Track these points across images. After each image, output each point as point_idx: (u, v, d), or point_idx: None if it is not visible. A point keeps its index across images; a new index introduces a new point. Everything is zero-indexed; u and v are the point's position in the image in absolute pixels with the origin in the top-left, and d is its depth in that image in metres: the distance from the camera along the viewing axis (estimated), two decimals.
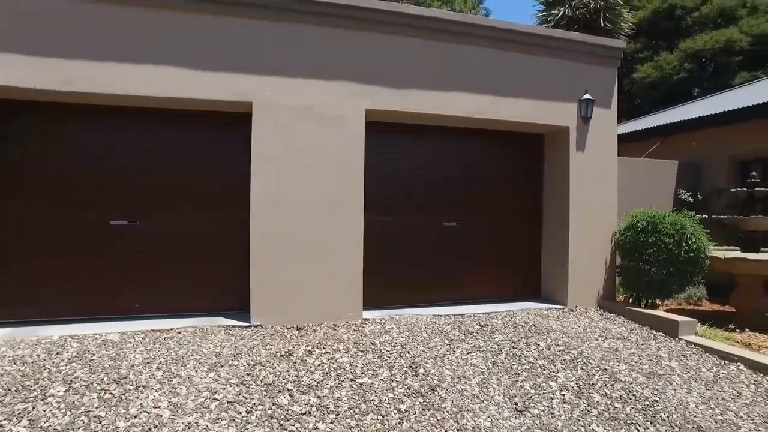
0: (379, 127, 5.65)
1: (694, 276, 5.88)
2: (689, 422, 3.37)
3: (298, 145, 5.07)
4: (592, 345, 4.71)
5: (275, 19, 5.01)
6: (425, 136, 6.02)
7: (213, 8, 4.81)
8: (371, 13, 5.27)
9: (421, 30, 5.51)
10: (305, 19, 5.09)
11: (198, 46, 4.80)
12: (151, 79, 4.66)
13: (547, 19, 10.21)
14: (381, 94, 5.36)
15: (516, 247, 6.46)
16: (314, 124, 5.12)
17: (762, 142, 8.47)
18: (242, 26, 4.92)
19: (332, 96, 5.18)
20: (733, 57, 18.30)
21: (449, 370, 3.92)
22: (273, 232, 4.98)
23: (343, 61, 5.23)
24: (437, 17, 5.58)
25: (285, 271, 5.01)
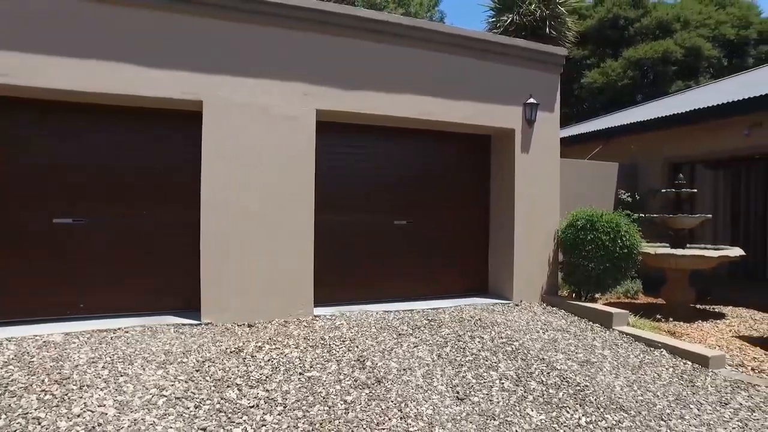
0: (331, 127, 5.74)
1: (627, 271, 6.28)
2: (614, 403, 3.64)
3: (250, 144, 5.10)
4: (533, 337, 4.97)
5: (228, 19, 5.02)
6: (377, 136, 6.16)
7: (164, 5, 4.78)
8: (323, 15, 5.36)
9: (373, 33, 5.64)
10: (257, 19, 5.13)
11: (148, 42, 4.75)
12: (97, 75, 4.57)
13: (497, 24, 10.57)
14: (333, 95, 5.46)
15: (464, 244, 6.69)
16: (266, 123, 5.16)
17: (690, 146, 9.11)
18: (194, 25, 4.91)
19: (284, 96, 5.24)
20: (669, 66, 19.41)
21: (396, 363, 4.07)
22: (224, 230, 4.99)
23: (296, 62, 5.30)
24: (389, 21, 5.73)
25: (236, 270, 5.03)
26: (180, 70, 4.85)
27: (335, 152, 5.91)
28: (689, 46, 19.46)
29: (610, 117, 14.19)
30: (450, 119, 6.06)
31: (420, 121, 6.00)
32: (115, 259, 5.04)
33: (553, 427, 3.28)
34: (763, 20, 21.23)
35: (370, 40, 5.63)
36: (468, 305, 6.00)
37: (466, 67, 6.14)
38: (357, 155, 6.10)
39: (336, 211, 5.89)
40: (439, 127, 6.26)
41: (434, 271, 6.47)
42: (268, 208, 5.15)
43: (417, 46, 5.87)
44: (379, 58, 5.69)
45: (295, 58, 5.30)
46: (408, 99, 5.81)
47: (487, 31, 10.76)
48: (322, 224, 5.62)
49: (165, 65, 4.80)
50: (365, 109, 5.63)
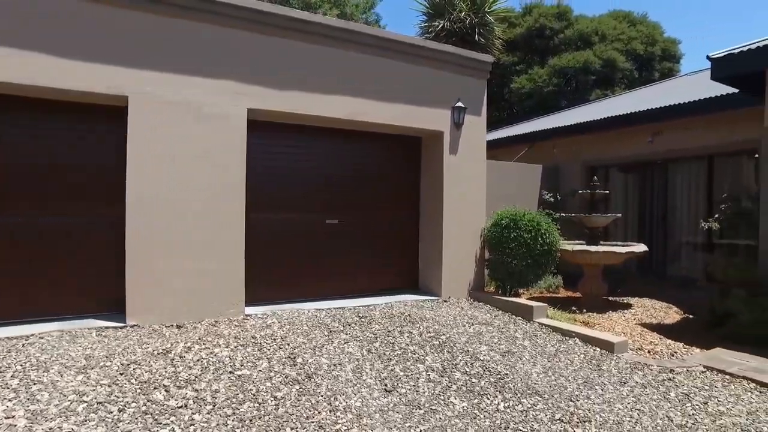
0: (264, 126, 5.74)
1: (547, 267, 6.72)
2: (530, 388, 3.93)
3: (178, 142, 5.00)
4: (459, 331, 5.22)
5: (156, 13, 4.88)
6: (310, 136, 6.21)
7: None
8: (255, 14, 5.34)
9: (306, 34, 5.68)
10: (187, 15, 5.03)
11: (72, 33, 4.53)
12: (10, 66, 4.32)
13: (429, 29, 10.89)
14: (265, 95, 5.45)
15: (396, 242, 6.89)
16: (195, 121, 5.08)
17: (605, 150, 9.86)
18: (119, 17, 4.74)
19: (215, 94, 5.18)
20: (589, 76, 20.76)
21: (326, 359, 4.16)
22: (151, 229, 4.86)
23: (227, 60, 5.25)
24: (321, 23, 5.79)
25: (164, 270, 4.91)
26: (104, 63, 4.67)
27: (268, 151, 5.91)
28: (606, 58, 20.91)
29: (536, 121, 15.01)
30: (381, 121, 6.22)
31: (352, 122, 6.12)
32: (30, 261, 4.76)
33: (474, 413, 3.50)
34: (666, 39, 23.22)
35: (303, 40, 5.67)
36: (398, 302, 6.19)
37: (397, 70, 6.33)
38: (290, 155, 6.12)
39: (268, 210, 5.89)
40: (372, 128, 6.41)
41: (366, 270, 6.61)
42: (197, 206, 5.07)
43: (350, 49, 5.98)
44: (312, 58, 5.74)
45: (227, 57, 5.25)
46: (340, 100, 5.91)
47: (420, 36, 11.07)
48: (255, 223, 5.61)
49: (89, 58, 4.60)
50: (298, 110, 5.66)
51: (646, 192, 9.62)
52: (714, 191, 8.33)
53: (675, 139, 8.58)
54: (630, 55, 21.79)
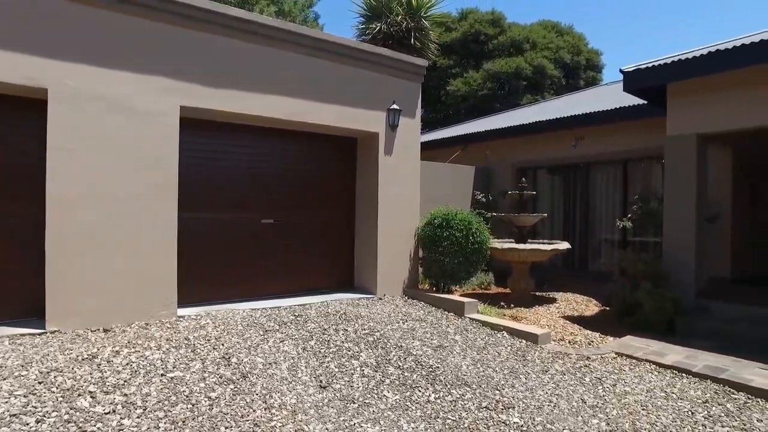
0: (197, 124, 5.63)
1: (478, 264, 7.03)
2: (459, 380, 4.14)
3: (104, 138, 4.80)
4: (393, 327, 5.38)
5: (82, 3, 4.67)
6: (246, 135, 6.15)
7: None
8: (188, 10, 5.23)
9: (241, 32, 5.63)
10: (116, 7, 4.84)
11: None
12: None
13: (366, 32, 11.02)
14: (199, 92, 5.35)
15: (332, 241, 6.96)
16: (123, 117, 4.90)
17: (533, 153, 10.39)
18: (42, 5, 4.49)
19: (145, 90, 5.02)
20: (521, 81, 21.74)
21: (261, 358, 4.17)
22: (74, 230, 4.65)
23: (159, 56, 5.10)
24: (257, 21, 5.75)
25: (88, 272, 4.71)
26: (21, 52, 4.41)
27: (203, 150, 5.81)
28: (536, 65, 21.98)
29: (470, 123, 15.53)
30: (318, 121, 6.27)
31: (289, 122, 6.12)
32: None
33: (406, 404, 3.65)
34: (590, 50, 24.80)
35: (239, 38, 5.61)
36: (334, 300, 6.26)
37: (334, 71, 6.39)
38: (226, 154, 6.03)
39: (203, 210, 5.78)
40: (308, 128, 6.44)
41: (302, 269, 6.63)
42: (126, 205, 4.90)
43: (286, 48, 5.98)
44: (248, 57, 5.69)
45: (158, 52, 5.10)
46: (277, 100, 5.90)
47: (357, 38, 11.20)
48: (188, 223, 5.50)
49: (1, 45, 4.34)
50: (234, 108, 5.60)
51: (570, 193, 10.25)
52: (629, 193, 9.02)
53: (595, 144, 9.21)
54: (558, 63, 23.03)
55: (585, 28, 42.03)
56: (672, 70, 6.34)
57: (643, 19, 49.31)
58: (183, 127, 5.31)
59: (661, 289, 6.09)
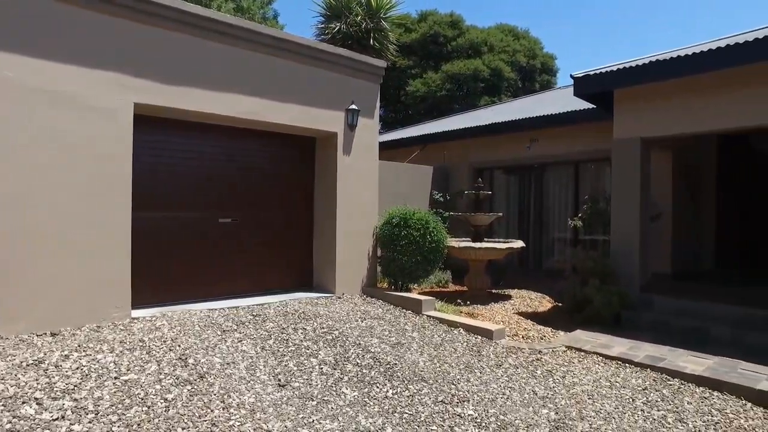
0: (153, 122, 5.51)
1: (436, 263, 7.17)
2: (416, 375, 4.24)
3: (51, 134, 4.61)
4: (352, 325, 5.43)
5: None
6: (203, 134, 6.06)
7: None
8: (142, 4, 5.09)
9: (200, 29, 5.53)
10: None
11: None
12: None
13: (325, 31, 11.01)
14: (154, 89, 5.23)
15: (290, 241, 6.94)
16: (73, 112, 4.73)
17: (490, 154, 10.67)
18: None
19: (97, 85, 4.86)
20: (479, 83, 22.21)
21: (219, 358, 4.14)
22: (17, 228, 4.44)
23: (112, 51, 4.95)
24: (215, 18, 5.67)
25: (33, 272, 4.52)
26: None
27: (158, 148, 5.69)
28: (494, 67, 22.51)
29: (429, 124, 15.76)
30: (277, 121, 6.24)
31: (247, 121, 6.07)
32: None
33: (364, 400, 3.72)
34: (545, 54, 25.61)
35: (196, 35, 5.52)
36: (293, 300, 6.26)
37: (293, 71, 6.38)
38: (183, 152, 5.93)
39: (159, 209, 5.66)
40: (267, 127, 6.40)
41: (260, 269, 6.59)
42: (76, 204, 4.74)
43: (245, 47, 5.92)
44: (205, 55, 5.61)
45: (111, 47, 4.95)
46: (235, 98, 5.84)
47: (316, 37, 11.16)
48: (143, 222, 5.37)
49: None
50: (190, 106, 5.51)
51: (524, 193, 10.59)
52: (580, 193, 9.41)
53: (549, 146, 9.55)
54: (515, 66, 23.65)
55: (540, 33, 43.28)
56: (617, 77, 6.68)
57: (596, 25, 51.23)
58: (138, 124, 5.18)
59: (608, 285, 6.40)
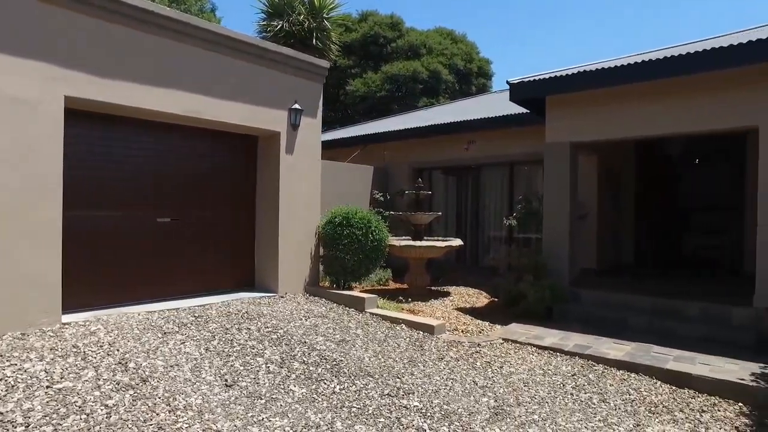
0: (87, 117, 5.26)
1: (377, 261, 7.30)
2: (362, 371, 4.35)
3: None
4: (296, 324, 5.45)
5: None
6: (142, 131, 5.83)
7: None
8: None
9: (138, 22, 5.31)
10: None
11: None
12: None
13: (267, 29, 10.85)
14: (88, 83, 4.97)
15: (232, 240, 6.82)
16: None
17: (429, 155, 10.95)
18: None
19: (21, 77, 4.55)
20: (418, 84, 22.64)
21: (162, 361, 4.04)
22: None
23: (40, 41, 4.66)
24: (153, 11, 5.45)
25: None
26: None
27: (93, 144, 5.42)
28: (432, 69, 23.03)
29: (370, 124, 15.91)
30: (219, 119, 6.12)
31: (188, 118, 5.91)
32: None
33: (312, 397, 3.77)
34: (481, 58, 26.52)
35: (132, 28, 5.30)
36: (236, 300, 6.18)
37: (236, 69, 6.28)
38: (119, 149, 5.67)
39: (93, 208, 5.40)
40: (209, 125, 6.26)
41: (201, 269, 6.44)
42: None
43: (186, 42, 5.76)
44: (144, 49, 5.40)
45: (39, 37, 4.66)
46: (176, 95, 5.66)
47: (258, 34, 10.98)
48: (76, 221, 5.12)
49: None
50: (127, 102, 5.28)
51: (463, 193, 10.97)
52: (514, 193, 9.88)
53: (486, 148, 9.95)
54: (452, 68, 24.31)
55: (477, 38, 44.74)
56: (548, 84, 7.11)
57: (531, 31, 53.55)
58: (70, 119, 4.92)
59: (541, 280, 6.80)
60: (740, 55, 5.62)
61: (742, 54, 5.60)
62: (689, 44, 7.15)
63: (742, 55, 5.60)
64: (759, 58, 5.54)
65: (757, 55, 5.51)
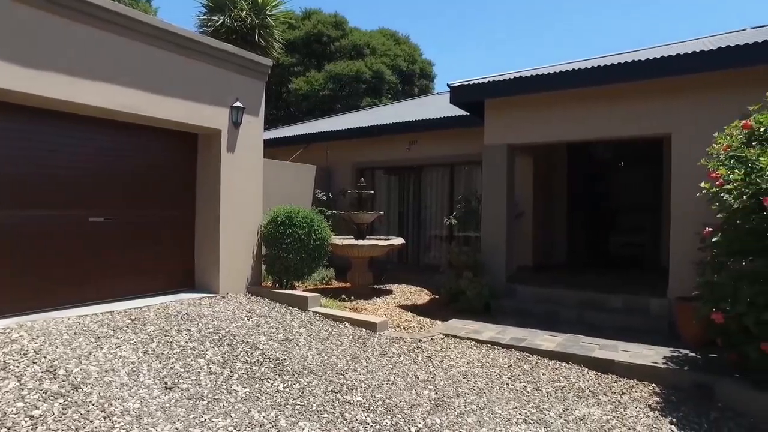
0: (13, 110, 4.94)
1: (320, 260, 7.32)
2: (306, 369, 4.37)
3: None
4: (239, 324, 5.38)
5: None
6: (74, 126, 5.52)
7: None
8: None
9: (70, 10, 5.04)
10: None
11: None
12: None
13: (208, 24, 10.56)
14: (15, 74, 4.64)
15: (171, 240, 6.62)
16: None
17: (372, 154, 11.07)
18: None
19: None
20: (361, 84, 22.74)
21: (95, 367, 3.88)
22: None
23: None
24: (88, 1, 5.20)
25: None
26: None
27: (18, 139, 5.09)
28: (376, 70, 23.20)
29: (312, 123, 15.83)
30: (157, 115, 5.92)
31: (124, 114, 5.67)
32: None
33: (256, 396, 3.75)
34: (423, 60, 27.01)
35: (65, 17, 5.02)
36: (175, 301, 6.00)
37: (176, 64, 6.10)
38: (49, 144, 5.35)
39: (17, 207, 5.07)
40: (146, 122, 6.03)
41: (138, 270, 6.19)
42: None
43: (123, 35, 5.52)
44: (76, 39, 5.12)
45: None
46: (110, 89, 5.42)
47: (198, 29, 10.66)
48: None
49: None
50: (54, 94, 4.99)
51: (404, 192, 11.16)
52: (455, 193, 10.17)
53: (427, 148, 10.18)
54: (395, 69, 24.59)
55: (420, 40, 45.40)
56: (487, 88, 7.40)
57: (473, 36, 55.00)
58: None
59: (479, 277, 7.07)
60: (652, 70, 6.14)
61: (654, 68, 6.12)
62: (614, 55, 7.68)
63: (654, 69, 6.13)
64: (669, 72, 6.06)
65: (668, 69, 6.04)
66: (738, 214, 4.19)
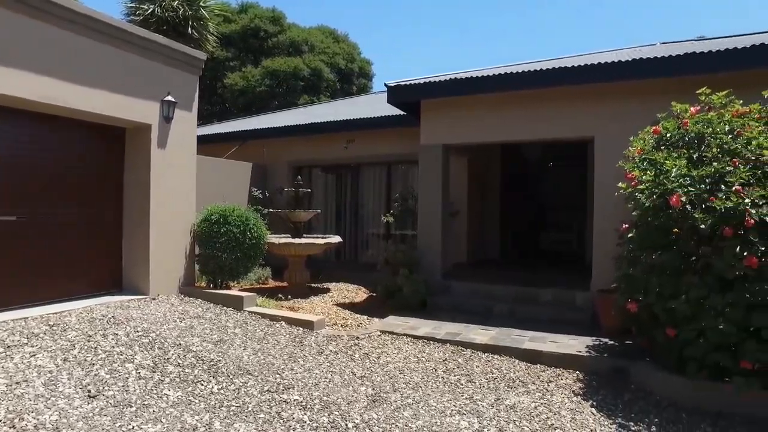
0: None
1: (256, 259, 7.19)
2: (241, 369, 4.28)
3: None
4: (170, 326, 5.18)
5: None
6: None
7: None
8: None
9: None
10: None
11: None
12: None
13: (137, 12, 10.03)
14: None
15: (96, 240, 6.24)
16: None
17: (309, 153, 10.99)
18: None
19: None
20: (299, 81, 22.47)
21: (4, 379, 3.59)
22: None
23: None
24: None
25: None
26: None
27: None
28: (314, 67, 23.02)
29: (249, 120, 15.46)
30: (80, 107, 5.56)
31: (41, 105, 5.28)
32: None
33: (189, 399, 3.64)
34: (362, 59, 27.11)
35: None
36: (100, 304, 5.68)
37: (102, 54, 5.75)
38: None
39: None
40: (67, 114, 5.65)
41: (57, 272, 5.79)
42: None
43: (41, 20, 5.13)
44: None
45: None
46: (26, 78, 5.01)
47: (125, 17, 10.10)
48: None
49: None
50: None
51: (342, 191, 11.15)
52: (392, 192, 10.28)
53: (364, 147, 10.21)
54: (334, 68, 24.50)
55: (358, 38, 45.48)
56: (423, 89, 7.55)
57: (414, 34, 55.67)
58: None
59: (416, 274, 7.21)
60: (578, 76, 6.53)
61: (579, 74, 6.52)
62: (547, 60, 8.08)
63: (579, 75, 6.52)
64: (591, 79, 6.47)
65: (590, 76, 6.44)
66: (649, 212, 4.54)
